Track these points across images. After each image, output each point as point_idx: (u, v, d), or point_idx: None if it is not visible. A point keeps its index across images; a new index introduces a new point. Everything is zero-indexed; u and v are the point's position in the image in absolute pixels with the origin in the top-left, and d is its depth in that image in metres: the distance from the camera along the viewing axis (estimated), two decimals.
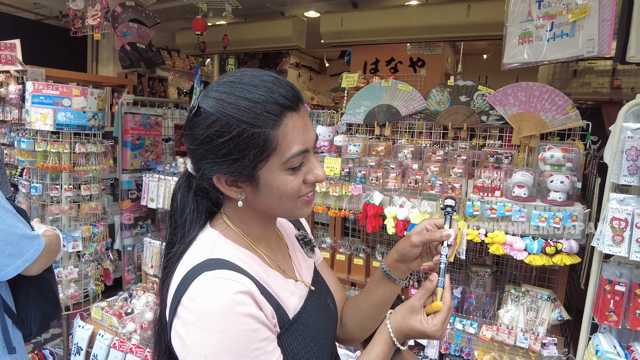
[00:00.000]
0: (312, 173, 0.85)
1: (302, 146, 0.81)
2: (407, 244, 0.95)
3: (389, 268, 1.01)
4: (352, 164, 2.38)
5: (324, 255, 2.60)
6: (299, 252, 1.07)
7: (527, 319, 2.07)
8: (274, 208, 0.86)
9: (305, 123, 0.83)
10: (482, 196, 2.01)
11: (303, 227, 1.18)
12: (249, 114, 0.76)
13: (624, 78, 5.98)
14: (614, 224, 1.64)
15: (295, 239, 1.10)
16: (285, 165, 0.80)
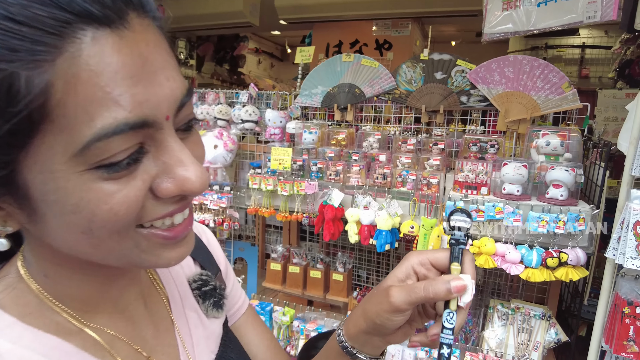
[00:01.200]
0: (171, 175, 0.40)
1: (129, 113, 0.36)
2: (385, 309, 0.53)
3: (352, 342, 0.59)
4: (306, 155, 1.93)
5: (274, 267, 2.16)
6: (191, 313, 0.62)
7: (518, 342, 1.70)
8: (83, 251, 0.40)
9: (143, 59, 0.37)
10: (465, 194, 1.61)
11: (210, 258, 0.72)
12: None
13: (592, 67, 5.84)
14: (638, 230, 1.27)
15: (187, 288, 0.64)
16: (86, 158, 0.35)
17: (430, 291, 0.50)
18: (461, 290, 0.49)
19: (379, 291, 0.55)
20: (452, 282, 0.49)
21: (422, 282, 0.52)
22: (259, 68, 7.67)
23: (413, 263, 0.54)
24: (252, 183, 1.87)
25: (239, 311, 0.78)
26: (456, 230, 0.53)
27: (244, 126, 2.33)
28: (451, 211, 0.54)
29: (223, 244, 2.34)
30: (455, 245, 0.52)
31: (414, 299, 0.51)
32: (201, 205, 2.11)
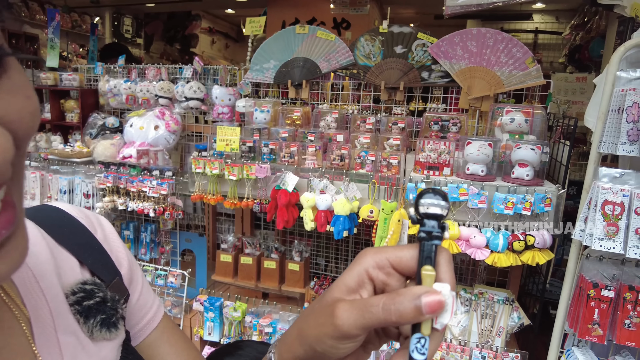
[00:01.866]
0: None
1: None
2: (329, 333, 0.38)
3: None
4: (257, 135, 1.75)
5: (224, 259, 1.98)
6: (67, 338, 0.44)
7: (481, 329, 1.64)
8: None
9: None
10: (426, 175, 1.50)
11: (104, 260, 0.54)
12: None
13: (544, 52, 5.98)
14: (607, 209, 1.20)
15: (64, 304, 0.46)
16: None
17: (392, 312, 0.34)
18: (437, 308, 0.34)
19: (322, 306, 0.40)
20: (424, 297, 0.33)
21: (381, 297, 0.36)
22: (212, 48, 7.30)
23: (367, 266, 0.39)
24: (195, 167, 1.68)
25: (149, 324, 0.62)
26: (428, 220, 0.37)
27: (188, 104, 2.11)
28: (420, 192, 0.38)
29: (168, 235, 2.13)
30: (427, 240, 0.37)
31: (369, 322, 0.35)
32: (139, 193, 1.89)
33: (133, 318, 0.61)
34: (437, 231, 0.37)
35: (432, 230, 0.37)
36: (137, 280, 0.63)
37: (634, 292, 1.28)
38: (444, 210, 0.37)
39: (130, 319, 0.61)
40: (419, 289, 0.35)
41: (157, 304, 0.66)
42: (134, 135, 2.12)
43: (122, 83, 2.29)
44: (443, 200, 0.37)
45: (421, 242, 0.37)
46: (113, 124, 2.34)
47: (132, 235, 2.16)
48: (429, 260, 0.37)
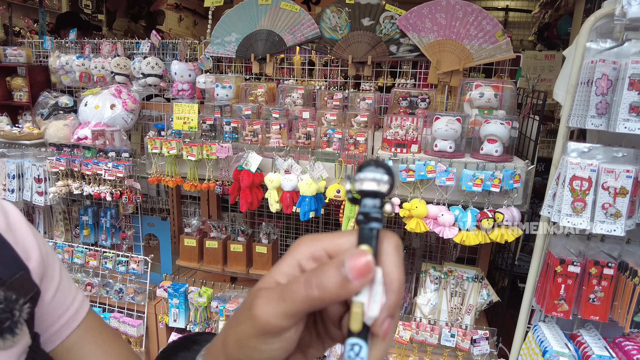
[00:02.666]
0: None
1: None
2: (248, 331, 0.31)
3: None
4: (218, 113, 1.65)
5: (189, 243, 1.90)
6: None
7: (451, 307, 1.62)
8: None
9: None
10: (394, 152, 1.45)
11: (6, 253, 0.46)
12: None
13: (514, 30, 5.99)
14: (574, 185, 1.18)
15: None
16: None
17: (314, 285, 0.28)
18: (364, 272, 0.27)
19: (244, 303, 0.33)
20: (348, 259, 0.27)
21: (302, 275, 0.30)
22: (180, 26, 7.00)
23: (300, 258, 0.32)
24: (151, 147, 1.57)
25: (69, 324, 0.54)
26: (366, 199, 0.31)
27: (146, 81, 1.99)
28: (360, 165, 0.32)
29: (129, 219, 2.03)
30: (364, 223, 0.31)
31: (291, 306, 0.29)
32: (95, 176, 1.78)
33: (48, 318, 0.54)
34: (376, 212, 0.30)
35: (370, 211, 0.30)
36: (53, 274, 0.55)
37: (599, 267, 1.28)
38: (383, 185, 0.30)
39: (44, 320, 0.53)
40: (343, 255, 0.29)
41: (80, 300, 0.59)
42: (89, 115, 1.99)
43: (74, 59, 2.13)
44: (385, 174, 0.30)
45: (360, 225, 0.31)
46: (67, 104, 2.19)
47: (92, 220, 2.05)
48: (368, 241, 0.30)
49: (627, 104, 1.13)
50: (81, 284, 1.91)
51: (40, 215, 2.14)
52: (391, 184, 0.31)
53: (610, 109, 1.17)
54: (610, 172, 1.18)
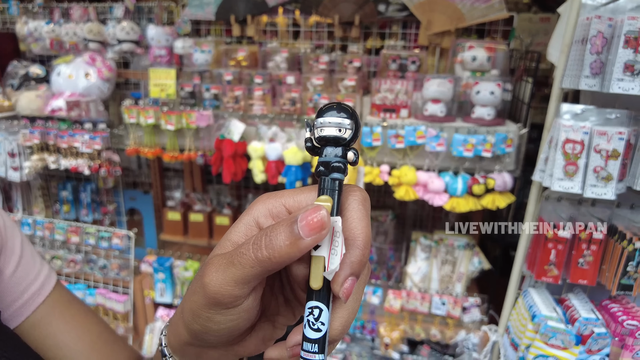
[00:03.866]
0: None
1: None
2: (200, 302, 0.28)
3: (180, 357, 0.33)
4: (198, 79, 1.57)
5: (172, 217, 1.85)
6: None
7: (441, 275, 1.61)
8: None
9: None
10: (383, 118, 1.39)
11: None
12: None
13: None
14: (567, 148, 1.14)
15: None
16: None
17: (263, 246, 0.25)
18: (317, 226, 0.24)
19: (199, 273, 0.29)
20: (301, 215, 0.25)
21: (253, 235, 0.27)
22: None
23: (257, 215, 0.29)
24: (128, 117, 1.50)
25: (33, 300, 0.50)
26: (327, 147, 0.27)
27: (121, 48, 1.88)
28: (319, 110, 0.28)
29: (111, 193, 1.96)
30: (325, 175, 0.27)
31: (241, 271, 0.25)
32: (71, 149, 1.70)
33: (10, 294, 0.50)
34: (337, 161, 0.27)
35: (331, 160, 0.27)
36: (13, 248, 0.51)
37: (588, 231, 1.27)
38: (346, 130, 0.26)
39: (6, 295, 0.49)
40: (297, 211, 0.26)
41: (46, 274, 0.54)
42: (63, 85, 1.88)
43: (43, 25, 2.00)
44: (347, 118, 0.26)
45: (320, 178, 0.27)
46: (38, 74, 2.08)
47: (71, 196, 1.98)
48: (328, 192, 0.27)
49: (622, 62, 1.08)
50: (64, 260, 1.86)
51: (18, 191, 2.06)
52: (355, 129, 0.27)
53: (604, 68, 1.12)
54: (603, 135, 1.14)
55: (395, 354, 1.56)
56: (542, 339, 1.26)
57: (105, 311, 1.79)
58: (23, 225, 1.95)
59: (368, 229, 0.27)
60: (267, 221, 0.29)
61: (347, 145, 0.27)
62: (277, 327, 0.32)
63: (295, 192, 0.29)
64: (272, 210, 0.29)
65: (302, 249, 0.25)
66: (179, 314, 0.32)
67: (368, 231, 0.26)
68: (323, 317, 0.26)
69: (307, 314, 0.26)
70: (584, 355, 1.24)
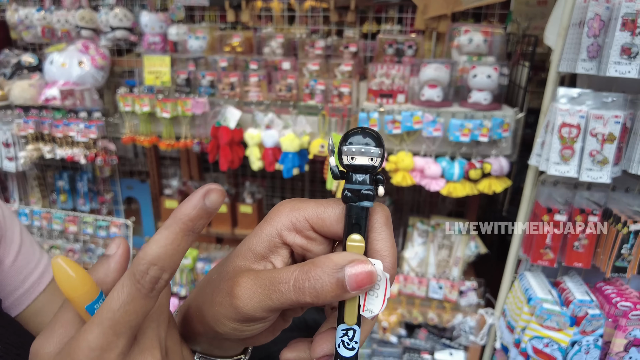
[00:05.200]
0: None
1: None
2: (229, 315, 0.28)
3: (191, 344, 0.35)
4: (193, 66, 1.56)
5: (169, 206, 1.85)
6: None
7: (438, 260, 1.63)
8: None
9: None
10: (380, 104, 1.39)
11: None
12: None
13: None
14: (563, 132, 1.14)
15: None
16: None
17: (306, 290, 0.26)
18: (365, 282, 0.25)
19: (221, 278, 0.30)
20: (349, 268, 0.25)
21: (292, 269, 0.27)
22: None
23: (280, 228, 0.29)
24: (123, 105, 1.48)
25: (34, 288, 0.51)
26: (355, 174, 0.27)
27: (114, 35, 1.85)
28: (345, 134, 0.28)
29: (107, 183, 1.96)
30: (354, 202, 0.27)
31: (277, 304, 0.26)
32: (67, 138, 1.69)
33: (10, 283, 0.50)
34: (367, 189, 0.27)
35: (361, 188, 0.27)
36: (12, 238, 0.51)
37: (584, 215, 1.28)
38: (376, 159, 0.27)
39: (7, 284, 0.50)
40: (342, 257, 0.26)
41: (45, 263, 0.55)
42: (56, 73, 1.86)
43: (34, 13, 1.97)
44: (375, 146, 0.27)
45: (347, 204, 0.27)
46: (30, 62, 2.05)
47: (68, 185, 1.98)
48: (357, 227, 0.27)
49: (619, 45, 1.07)
50: (62, 250, 1.87)
51: (14, 182, 2.05)
52: (382, 157, 0.27)
53: (601, 51, 1.12)
54: (599, 118, 1.14)
55: (393, 337, 1.58)
56: (537, 321, 1.28)
57: None
58: (20, 216, 1.95)
59: (394, 249, 0.27)
60: (290, 235, 0.29)
61: (374, 172, 0.28)
62: (286, 320, 0.34)
63: (318, 206, 0.29)
64: (295, 224, 0.29)
65: (345, 298, 0.26)
66: (193, 313, 0.33)
67: (394, 251, 0.27)
68: (357, 337, 0.28)
69: (342, 335, 0.28)
70: (578, 336, 1.26)
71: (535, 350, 1.29)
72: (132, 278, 0.24)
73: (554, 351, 1.27)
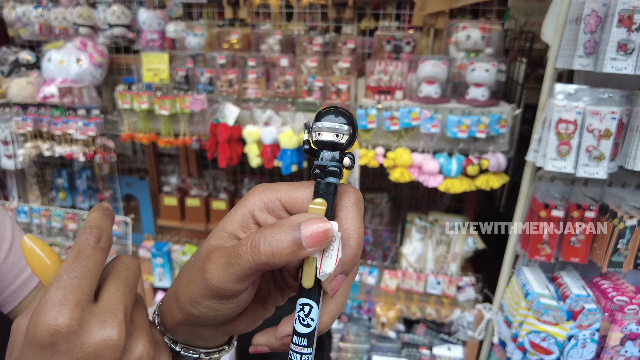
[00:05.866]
0: None
1: None
2: (201, 292, 0.29)
3: (173, 335, 0.35)
4: (191, 63, 1.56)
5: (169, 203, 1.85)
6: None
7: (436, 255, 1.64)
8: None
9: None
10: (378, 100, 1.39)
11: None
12: None
13: None
14: (560, 128, 1.15)
15: None
16: None
17: (262, 250, 0.26)
18: (320, 238, 0.25)
19: (195, 259, 0.31)
20: (305, 225, 0.25)
21: (251, 235, 0.27)
22: None
23: (253, 208, 0.30)
24: (122, 102, 1.49)
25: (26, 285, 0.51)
26: (323, 151, 0.28)
27: (112, 32, 1.85)
28: (318, 112, 0.29)
29: (107, 180, 1.96)
30: (321, 178, 0.28)
31: (240, 271, 0.27)
32: (65, 136, 1.69)
33: (1, 281, 0.50)
34: (333, 165, 0.28)
35: (327, 164, 0.28)
36: (4, 234, 0.51)
37: (581, 210, 1.29)
38: (343, 136, 0.27)
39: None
40: (300, 216, 0.26)
41: None
42: (54, 71, 1.86)
43: (31, 10, 1.97)
44: (344, 124, 0.27)
45: (315, 180, 0.28)
46: (28, 60, 2.04)
47: (67, 183, 1.98)
48: (323, 196, 0.28)
49: (615, 41, 1.08)
50: (62, 247, 1.87)
51: (13, 179, 2.05)
52: (352, 135, 0.28)
53: (598, 48, 1.12)
54: (596, 114, 1.15)
55: (392, 332, 1.59)
56: (534, 316, 1.29)
57: None
58: (19, 213, 1.95)
59: (361, 229, 0.27)
60: (262, 214, 0.29)
61: (343, 150, 0.28)
62: (266, 308, 0.34)
63: (291, 187, 0.29)
64: (268, 204, 0.29)
65: (301, 256, 0.26)
66: (172, 297, 0.33)
67: (361, 232, 0.27)
68: (313, 314, 0.27)
69: (298, 309, 0.28)
70: (574, 331, 1.27)
71: (532, 345, 1.30)
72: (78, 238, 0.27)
73: (550, 345, 1.28)
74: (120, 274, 0.29)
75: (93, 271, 0.27)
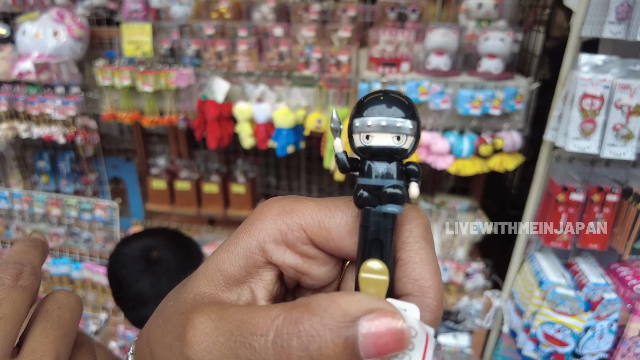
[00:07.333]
0: None
1: None
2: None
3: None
4: (177, 34, 1.42)
5: (157, 186, 1.74)
6: None
7: (443, 240, 1.55)
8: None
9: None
10: (382, 73, 1.27)
11: None
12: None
13: None
14: (584, 104, 1.03)
15: None
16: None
17: (294, 353, 0.15)
18: (390, 347, 0.14)
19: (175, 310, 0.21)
20: (365, 322, 0.15)
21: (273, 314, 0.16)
22: None
23: (263, 238, 0.20)
24: (102, 79, 1.36)
25: None
26: (374, 163, 0.18)
27: (92, 2, 1.70)
28: (359, 102, 0.19)
29: (91, 162, 1.84)
30: (373, 205, 0.18)
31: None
32: (43, 116, 1.56)
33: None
34: (392, 185, 0.18)
35: (384, 184, 0.18)
36: None
37: (602, 193, 1.19)
38: (407, 138, 0.18)
39: None
40: (354, 302, 0.16)
41: None
42: (29, 45, 1.71)
43: None
44: (404, 117, 0.17)
45: (362, 208, 0.18)
46: (2, 34, 1.89)
47: (49, 166, 1.86)
48: (377, 246, 0.17)
49: None
50: (46, 234, 1.77)
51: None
52: (416, 136, 0.18)
53: (631, 13, 1.00)
54: (626, 88, 1.03)
55: None
56: (549, 306, 1.21)
57: (93, 285, 1.72)
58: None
59: (439, 277, 0.18)
60: (278, 250, 0.20)
61: (403, 159, 0.18)
62: None
63: (320, 209, 0.19)
64: (286, 235, 0.19)
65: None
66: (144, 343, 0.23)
67: (439, 281, 0.18)
68: None
69: None
70: (592, 322, 1.19)
71: (546, 336, 1.22)
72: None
73: (566, 337, 1.21)
74: (50, 314, 0.24)
75: (9, 317, 0.23)
